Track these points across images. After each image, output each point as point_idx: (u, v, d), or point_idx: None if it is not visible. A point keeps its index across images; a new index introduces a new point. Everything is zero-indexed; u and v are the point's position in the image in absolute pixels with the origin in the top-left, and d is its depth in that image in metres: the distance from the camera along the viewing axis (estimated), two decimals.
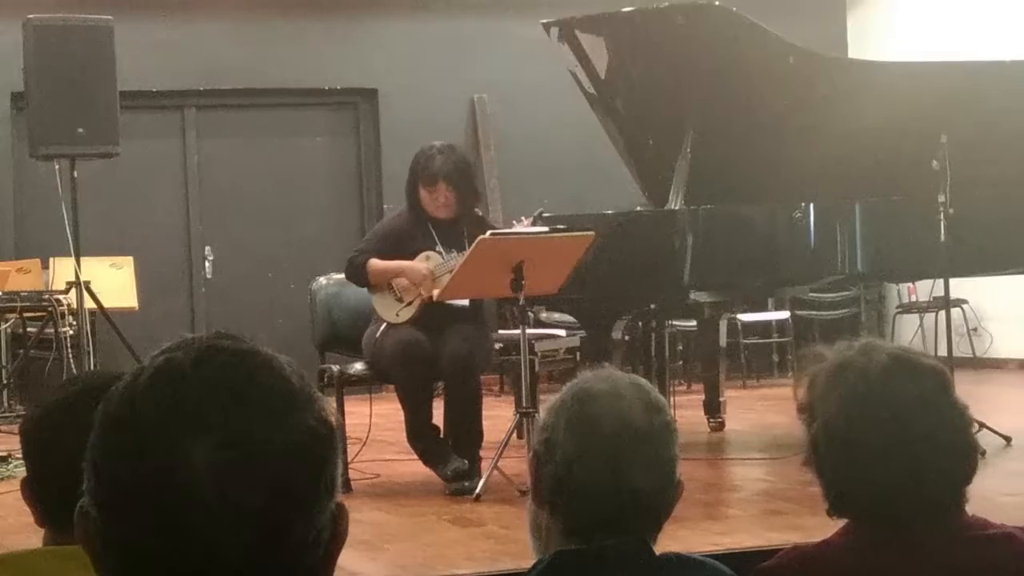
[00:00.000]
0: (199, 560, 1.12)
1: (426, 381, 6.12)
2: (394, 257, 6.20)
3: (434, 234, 6.26)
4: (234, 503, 1.12)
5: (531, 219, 6.29)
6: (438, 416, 6.18)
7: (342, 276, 6.80)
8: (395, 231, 6.31)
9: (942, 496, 2.08)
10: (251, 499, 1.12)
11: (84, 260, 8.04)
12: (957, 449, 2.09)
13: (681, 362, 10.66)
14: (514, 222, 6.39)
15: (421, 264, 6.14)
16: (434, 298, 6.08)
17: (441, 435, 6.15)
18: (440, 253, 6.21)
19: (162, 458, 1.12)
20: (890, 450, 2.05)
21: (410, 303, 6.13)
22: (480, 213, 6.48)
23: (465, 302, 6.22)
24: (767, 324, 11.23)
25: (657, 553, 2.12)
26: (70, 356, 8.12)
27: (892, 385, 2.07)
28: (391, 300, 6.17)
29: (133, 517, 1.13)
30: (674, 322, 9.48)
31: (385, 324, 6.15)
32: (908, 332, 10.83)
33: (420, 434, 6.09)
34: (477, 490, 5.82)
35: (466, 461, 6.02)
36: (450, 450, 6.07)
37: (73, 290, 8.05)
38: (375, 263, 6.16)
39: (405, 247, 6.23)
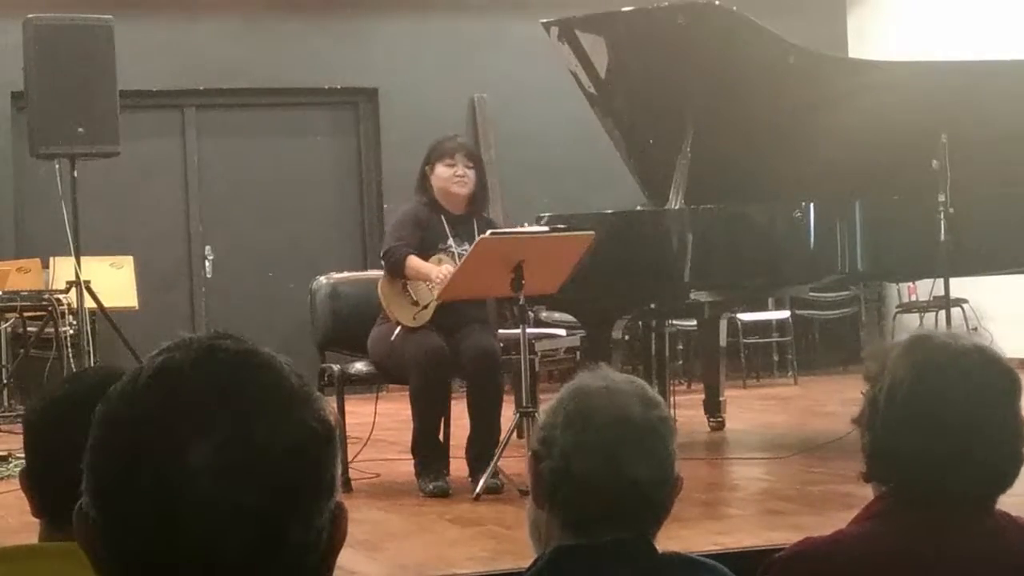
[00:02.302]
0: (199, 561, 1.12)
1: (445, 391, 6.12)
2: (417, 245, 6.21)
3: (447, 227, 6.26)
4: (234, 503, 1.12)
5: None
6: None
7: (342, 275, 6.80)
8: (417, 219, 6.28)
9: (978, 489, 2.09)
10: (251, 499, 1.12)
11: (84, 260, 8.04)
12: (1009, 452, 2.09)
13: (681, 362, 10.66)
14: None
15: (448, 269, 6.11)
16: (435, 298, 6.08)
17: (445, 452, 6.17)
18: (451, 249, 6.18)
19: (161, 459, 1.12)
20: (947, 426, 2.05)
21: (426, 306, 6.12)
22: (490, 217, 6.48)
23: (476, 304, 6.22)
24: (767, 324, 11.23)
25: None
26: (70, 356, 8.12)
27: (969, 367, 2.08)
28: (407, 303, 6.15)
29: (132, 518, 1.13)
30: (674, 322, 9.47)
31: (400, 327, 6.13)
32: (908, 332, 10.82)
33: (425, 445, 6.09)
34: (477, 490, 5.82)
35: (448, 482, 6.03)
36: (443, 469, 6.09)
37: (73, 290, 8.05)
38: (413, 260, 6.14)
39: (423, 236, 6.23)
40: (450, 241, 6.21)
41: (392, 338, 6.12)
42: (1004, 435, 2.08)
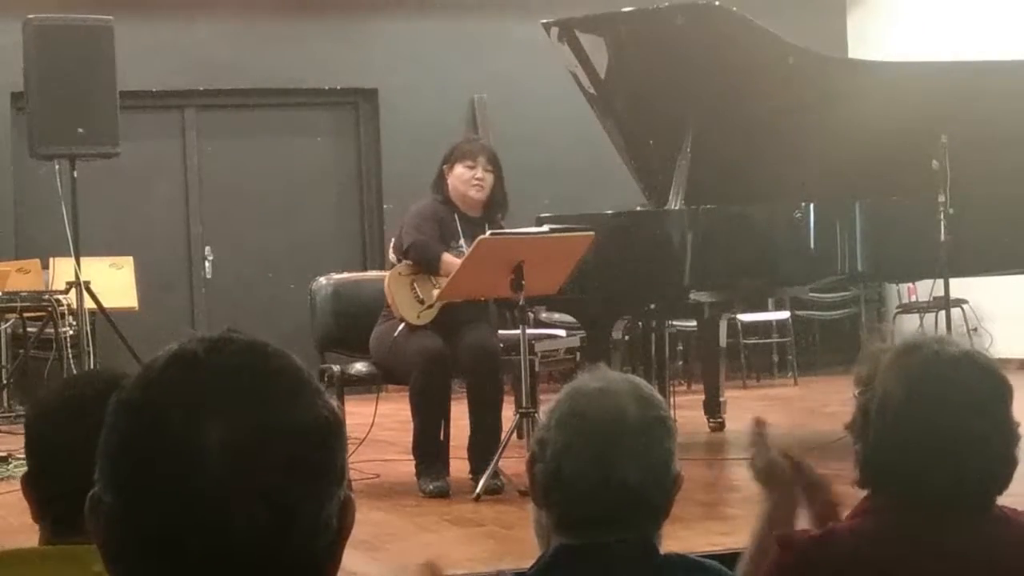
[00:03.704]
0: (214, 541, 1.14)
1: (445, 392, 6.12)
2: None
3: (459, 228, 6.25)
4: (248, 483, 1.14)
5: None
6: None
7: (342, 276, 6.80)
8: (434, 215, 6.28)
9: (973, 497, 2.10)
10: (264, 479, 1.14)
11: (84, 260, 8.03)
12: (1002, 457, 2.10)
13: (681, 362, 10.66)
14: None
15: None
16: (434, 298, 6.08)
17: (446, 452, 6.17)
18: (462, 249, 6.16)
19: (177, 439, 1.14)
20: (936, 434, 2.06)
21: (431, 306, 6.12)
22: (503, 225, 6.46)
23: (477, 304, 6.22)
24: (767, 324, 11.23)
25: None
26: (70, 356, 8.12)
27: (960, 376, 2.08)
28: (413, 301, 6.15)
29: (149, 499, 1.15)
30: (674, 322, 9.47)
31: (403, 325, 6.13)
32: (908, 332, 10.81)
33: (425, 445, 6.08)
34: (477, 490, 5.82)
35: (448, 482, 6.04)
36: (443, 470, 6.09)
37: (73, 290, 8.05)
38: (448, 258, 6.13)
39: (442, 233, 6.22)
40: (461, 241, 6.21)
41: (395, 334, 6.12)
42: (997, 441, 2.09)
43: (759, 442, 2.41)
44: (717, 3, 7.08)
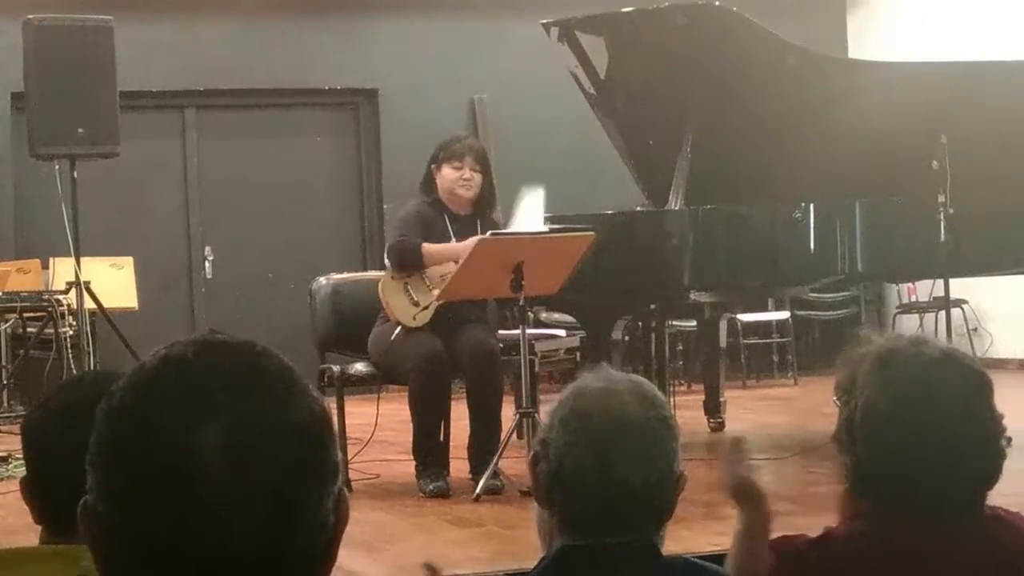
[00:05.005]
0: (213, 543, 1.13)
1: (443, 394, 6.12)
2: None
3: (450, 227, 6.25)
4: (246, 483, 1.13)
5: None
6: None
7: (342, 276, 6.80)
8: (421, 217, 6.28)
9: (964, 495, 2.10)
10: (261, 478, 1.14)
11: (84, 260, 8.04)
12: (987, 453, 2.10)
13: (681, 362, 10.66)
14: None
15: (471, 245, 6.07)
16: (429, 299, 6.08)
17: (445, 452, 6.17)
18: None
19: (171, 443, 1.13)
20: (925, 440, 2.06)
21: (426, 307, 6.12)
22: (497, 220, 6.45)
23: (476, 304, 6.22)
24: (767, 324, 11.23)
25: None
26: (70, 356, 8.12)
27: (939, 378, 2.09)
28: (407, 303, 6.15)
29: (145, 505, 1.13)
30: (674, 322, 9.47)
31: (400, 327, 6.13)
32: (908, 332, 10.80)
33: (425, 446, 6.08)
34: (477, 490, 5.82)
35: (448, 482, 6.03)
36: (443, 470, 6.09)
37: (73, 290, 8.05)
38: (428, 246, 6.14)
39: (428, 234, 6.23)
40: (453, 241, 6.21)
41: (392, 337, 6.12)
42: (984, 437, 2.10)
43: (734, 460, 2.41)
44: (717, 3, 7.08)
